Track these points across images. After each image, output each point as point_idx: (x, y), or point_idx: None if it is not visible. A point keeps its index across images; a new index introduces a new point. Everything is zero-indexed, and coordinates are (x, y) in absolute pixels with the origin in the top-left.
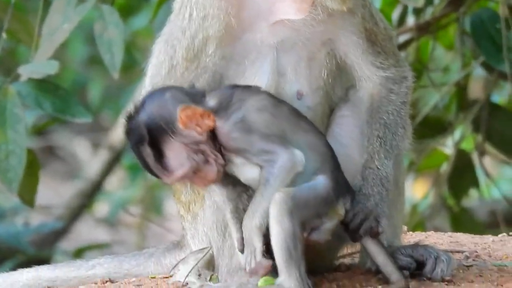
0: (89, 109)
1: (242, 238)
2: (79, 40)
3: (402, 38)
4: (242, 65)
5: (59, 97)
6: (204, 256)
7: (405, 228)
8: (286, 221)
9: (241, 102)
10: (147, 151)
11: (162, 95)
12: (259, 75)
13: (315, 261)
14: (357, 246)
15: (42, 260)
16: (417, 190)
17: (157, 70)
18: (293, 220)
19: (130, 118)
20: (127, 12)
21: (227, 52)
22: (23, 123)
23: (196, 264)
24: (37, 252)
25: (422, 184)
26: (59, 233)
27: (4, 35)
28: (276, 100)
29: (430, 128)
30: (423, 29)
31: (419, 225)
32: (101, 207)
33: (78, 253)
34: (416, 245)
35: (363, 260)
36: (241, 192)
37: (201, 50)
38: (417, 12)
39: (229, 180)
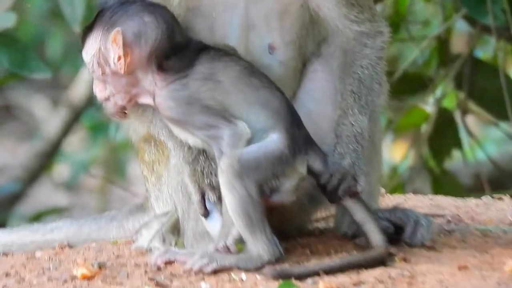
0: (48, 65)
1: (202, 202)
2: None
3: None
4: (209, 18)
5: (17, 51)
6: (168, 220)
7: (383, 190)
8: (237, 186)
9: (190, 68)
10: (87, 25)
11: (151, 9)
12: (227, 29)
13: (287, 225)
14: (332, 210)
15: None
16: (396, 151)
17: None
18: (244, 184)
19: None
20: None
21: (192, 4)
22: None
23: (160, 228)
24: None
25: (401, 144)
26: (16, 197)
27: None
28: (228, 62)
29: (409, 84)
30: None
31: (398, 188)
32: (61, 169)
33: (36, 218)
34: (394, 209)
35: (338, 224)
36: (198, 155)
37: (166, 1)
38: None
39: (183, 142)
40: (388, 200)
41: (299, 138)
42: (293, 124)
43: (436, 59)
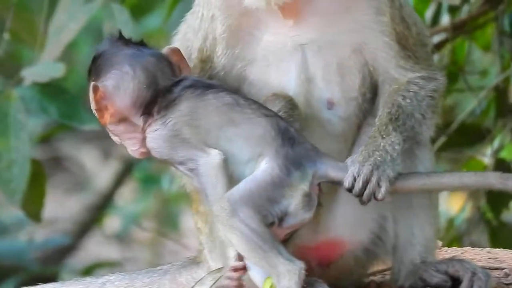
0: None
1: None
2: (87, 42)
3: (436, 39)
4: (263, 68)
5: (66, 102)
6: (222, 274)
7: (439, 243)
8: (236, 224)
9: (171, 107)
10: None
11: (132, 59)
12: (285, 80)
13: (344, 280)
14: (388, 263)
15: (47, 278)
16: (453, 203)
17: None
18: (242, 219)
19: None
20: (138, 12)
21: (239, 53)
22: (27, 130)
23: (214, 283)
24: (43, 270)
25: (458, 196)
26: (66, 250)
27: (6, 35)
28: (206, 101)
29: (467, 135)
30: (458, 29)
31: (455, 241)
32: (112, 222)
33: (87, 272)
34: (451, 261)
35: (394, 277)
36: None
37: (213, 51)
38: (453, 10)
39: None
40: (445, 253)
41: (294, 155)
42: (284, 143)
43: (493, 109)
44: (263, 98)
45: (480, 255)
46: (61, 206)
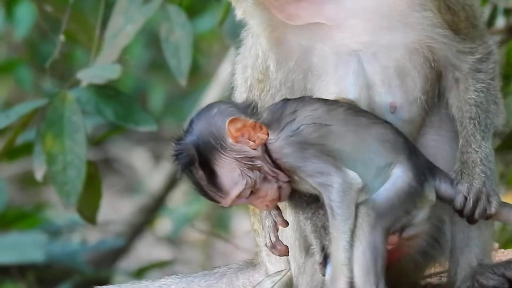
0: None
1: (324, 263)
2: (140, 44)
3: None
4: (321, 78)
5: (121, 103)
6: (281, 278)
7: (496, 245)
8: (367, 234)
9: (294, 113)
10: (199, 173)
11: (209, 111)
12: (344, 87)
13: (399, 280)
14: (445, 265)
15: (100, 280)
16: None
17: (239, 95)
18: (374, 233)
19: (178, 140)
20: (190, 13)
21: (294, 66)
22: (83, 132)
23: (273, 287)
24: (96, 272)
25: None
26: (119, 252)
27: (62, 37)
28: (330, 105)
29: None
30: None
31: (510, 242)
32: (163, 224)
33: (140, 273)
34: (508, 263)
35: (451, 279)
36: (317, 209)
37: (267, 67)
38: (508, 13)
39: (302, 199)
40: (501, 255)
41: (422, 166)
42: (412, 152)
43: None
44: None
45: None
46: (113, 208)
